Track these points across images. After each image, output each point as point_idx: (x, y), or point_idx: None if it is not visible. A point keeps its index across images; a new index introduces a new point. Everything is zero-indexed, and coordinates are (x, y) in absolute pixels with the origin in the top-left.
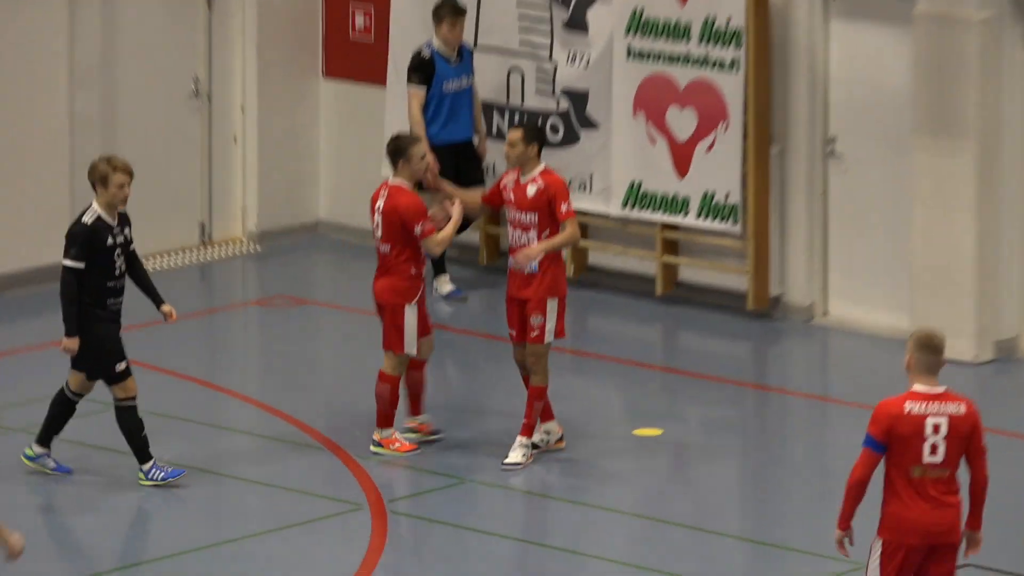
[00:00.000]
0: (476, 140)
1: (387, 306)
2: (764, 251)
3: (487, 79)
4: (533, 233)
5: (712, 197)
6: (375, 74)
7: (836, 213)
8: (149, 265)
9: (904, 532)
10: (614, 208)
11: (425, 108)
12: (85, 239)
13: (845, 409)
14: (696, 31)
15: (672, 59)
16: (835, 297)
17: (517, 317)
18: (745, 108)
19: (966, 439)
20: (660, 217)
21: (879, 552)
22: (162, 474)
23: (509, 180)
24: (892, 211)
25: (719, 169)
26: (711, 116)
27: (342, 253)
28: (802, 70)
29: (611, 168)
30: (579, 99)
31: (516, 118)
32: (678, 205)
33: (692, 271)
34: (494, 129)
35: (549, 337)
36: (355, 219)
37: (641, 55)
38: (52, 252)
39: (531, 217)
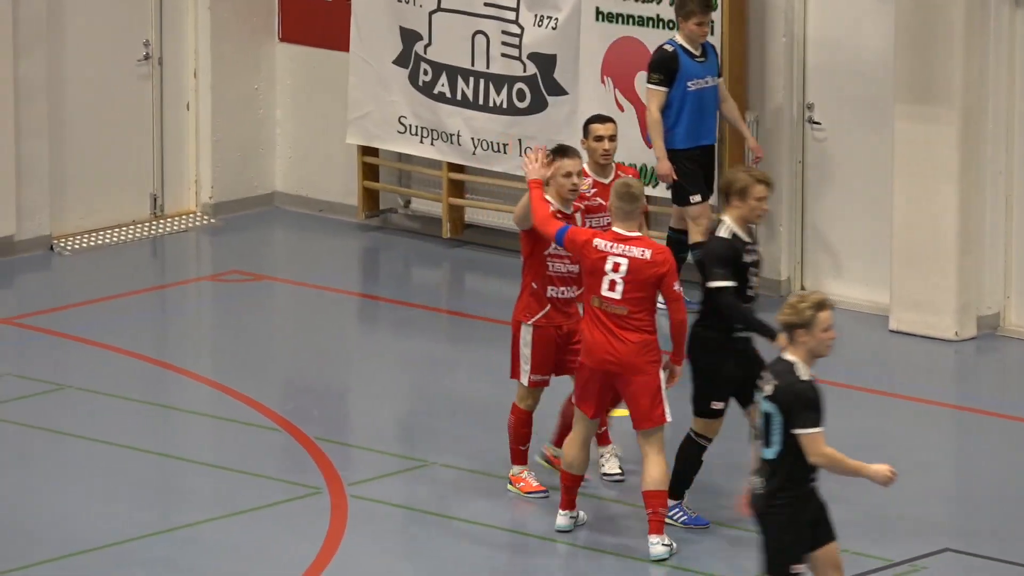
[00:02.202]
0: (750, 139)
1: (512, 324)
2: None
3: (450, 43)
4: None
5: None
6: (335, 38)
7: (814, 183)
8: (98, 240)
9: (584, 352)
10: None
11: (666, 110)
12: (728, 255)
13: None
14: None
15: (641, 21)
16: (812, 270)
17: None
18: (719, 73)
19: (647, 283)
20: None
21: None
22: (684, 517)
23: (584, 186)
24: (872, 182)
25: None
26: None
27: (300, 225)
28: (779, 34)
29: (578, 136)
30: (547, 63)
31: (481, 83)
32: (647, 176)
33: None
34: (459, 95)
35: None
36: (313, 190)
37: (610, 17)
38: None
39: None
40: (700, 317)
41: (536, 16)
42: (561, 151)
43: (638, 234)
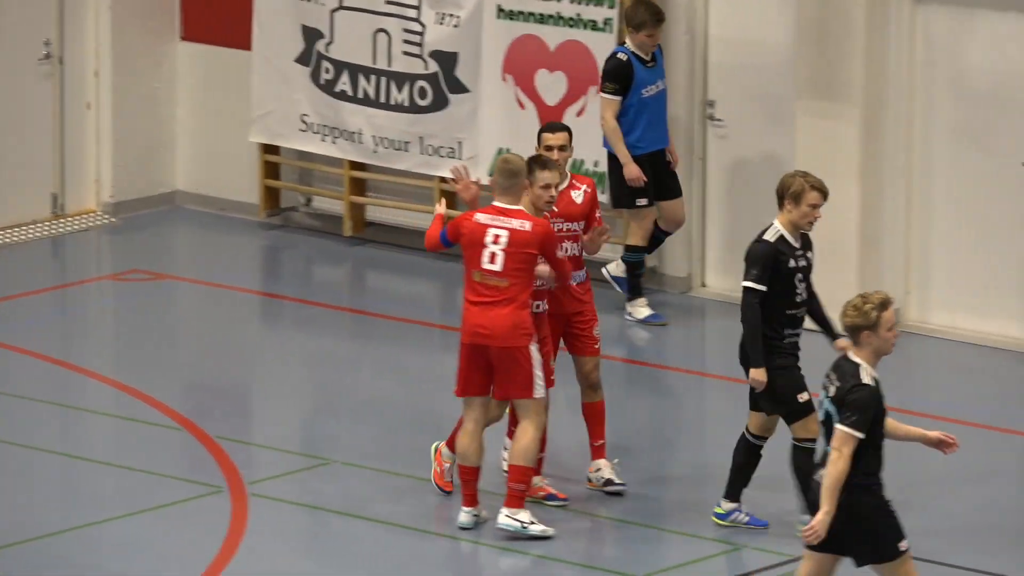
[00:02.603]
0: (671, 147)
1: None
2: None
3: (351, 41)
4: (577, 245)
5: (582, 165)
6: (237, 36)
7: (715, 180)
8: None
9: (462, 329)
10: (482, 176)
11: (621, 117)
12: (767, 259)
13: (724, 384)
14: None
15: (543, 19)
16: (713, 268)
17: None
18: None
19: (527, 255)
20: None
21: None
22: (745, 518)
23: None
24: (773, 178)
25: (590, 135)
26: (582, 79)
27: (201, 224)
28: (680, 30)
29: (480, 134)
30: (448, 61)
31: (383, 81)
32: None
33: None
34: (360, 93)
35: None
36: (215, 189)
37: (512, 15)
38: None
39: (579, 226)
40: None
41: (438, 14)
42: (540, 163)
43: (519, 207)
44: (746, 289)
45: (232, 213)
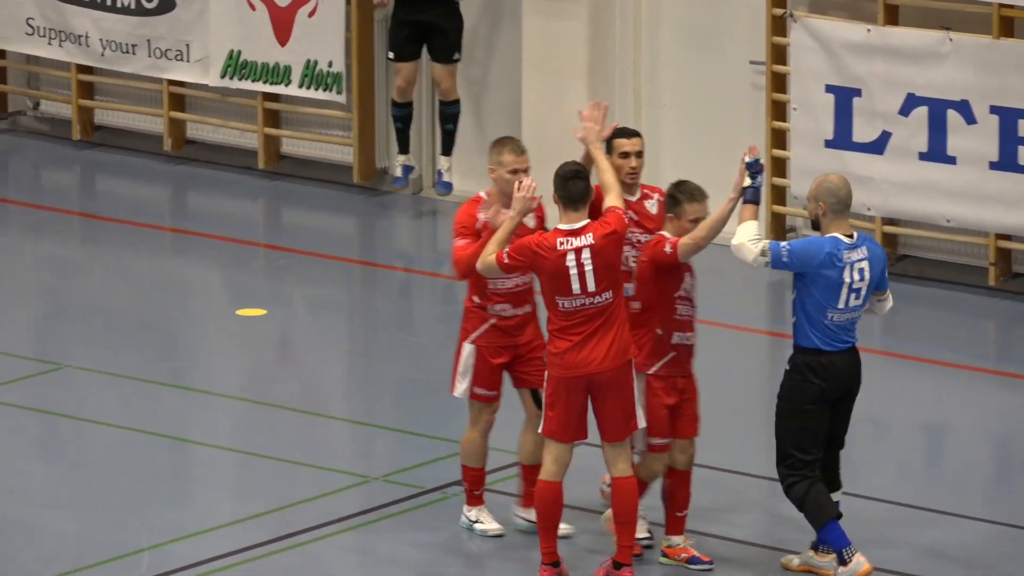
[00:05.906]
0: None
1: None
2: (370, 122)
3: None
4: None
5: (315, 66)
6: None
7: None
8: None
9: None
10: (212, 79)
11: None
12: None
13: (456, 285)
14: None
15: None
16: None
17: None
18: None
19: None
20: (261, 87)
21: None
22: None
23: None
24: (503, 77)
25: (322, 36)
26: None
27: None
28: None
29: (209, 37)
30: None
31: None
32: (280, 74)
33: (296, 143)
34: None
35: None
36: None
37: None
38: None
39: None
40: None
41: None
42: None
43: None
44: None
45: None
